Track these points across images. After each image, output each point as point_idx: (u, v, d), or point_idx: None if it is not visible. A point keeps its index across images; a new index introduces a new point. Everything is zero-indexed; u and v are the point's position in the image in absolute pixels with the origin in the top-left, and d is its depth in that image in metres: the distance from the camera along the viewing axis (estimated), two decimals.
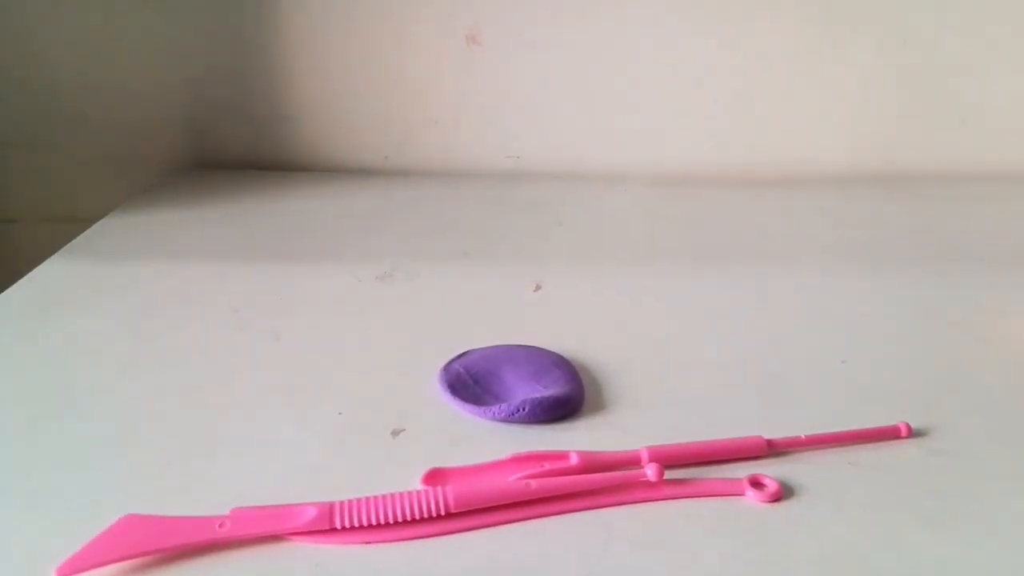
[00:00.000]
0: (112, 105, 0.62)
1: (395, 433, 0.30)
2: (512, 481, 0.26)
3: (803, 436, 0.29)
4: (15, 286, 0.42)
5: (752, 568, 0.23)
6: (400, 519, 0.25)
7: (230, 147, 0.64)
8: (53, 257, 0.46)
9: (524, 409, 0.30)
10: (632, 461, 0.28)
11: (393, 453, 0.28)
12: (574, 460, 0.27)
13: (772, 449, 0.28)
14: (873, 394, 0.32)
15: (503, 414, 0.30)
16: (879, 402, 0.32)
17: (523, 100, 0.62)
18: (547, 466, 0.27)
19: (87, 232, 0.50)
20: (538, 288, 0.42)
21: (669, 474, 0.26)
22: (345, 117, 0.63)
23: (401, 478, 0.27)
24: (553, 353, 0.35)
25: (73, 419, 0.31)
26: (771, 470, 0.27)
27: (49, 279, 0.43)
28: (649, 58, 0.61)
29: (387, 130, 0.64)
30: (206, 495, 0.26)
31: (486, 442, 0.29)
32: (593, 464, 0.27)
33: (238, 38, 0.61)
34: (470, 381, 0.32)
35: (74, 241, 0.49)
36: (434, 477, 0.27)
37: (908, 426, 0.29)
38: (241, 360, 0.35)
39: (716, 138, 0.62)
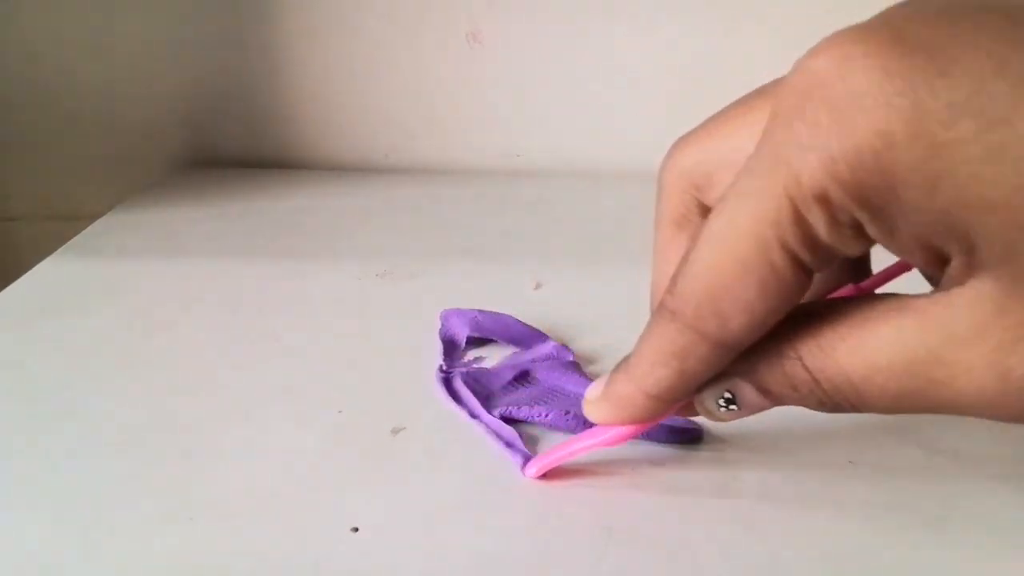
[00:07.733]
0: (111, 104, 0.62)
1: (395, 431, 0.30)
2: None
3: None
4: (14, 284, 0.42)
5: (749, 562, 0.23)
6: None
7: (230, 145, 0.64)
8: (52, 256, 0.46)
9: None
10: None
11: (393, 451, 0.28)
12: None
13: None
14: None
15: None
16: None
17: (524, 98, 0.62)
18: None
19: (86, 230, 0.50)
20: (538, 286, 0.42)
21: None
22: (345, 115, 0.63)
23: (402, 476, 0.27)
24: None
25: (71, 418, 0.31)
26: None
27: (48, 277, 0.43)
28: (650, 57, 0.61)
29: (388, 128, 0.64)
30: (206, 494, 0.26)
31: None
32: None
33: (237, 37, 0.61)
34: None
35: (73, 240, 0.49)
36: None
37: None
38: (241, 358, 0.35)
39: None
